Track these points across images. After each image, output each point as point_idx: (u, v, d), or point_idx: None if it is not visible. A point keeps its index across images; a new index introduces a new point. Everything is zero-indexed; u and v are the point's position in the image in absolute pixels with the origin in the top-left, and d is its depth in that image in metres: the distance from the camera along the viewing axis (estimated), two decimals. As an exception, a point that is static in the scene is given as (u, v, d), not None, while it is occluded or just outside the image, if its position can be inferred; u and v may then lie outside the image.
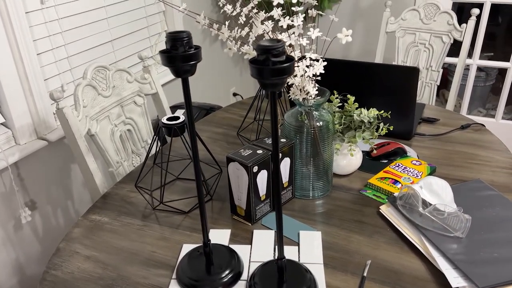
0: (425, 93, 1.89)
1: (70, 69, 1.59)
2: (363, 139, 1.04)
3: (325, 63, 0.86)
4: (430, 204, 0.90)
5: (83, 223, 0.99)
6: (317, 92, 0.94)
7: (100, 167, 1.32)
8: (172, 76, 2.04)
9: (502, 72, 2.51)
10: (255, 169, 0.91)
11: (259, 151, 0.94)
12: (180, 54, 0.62)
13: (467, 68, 2.51)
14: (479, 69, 2.72)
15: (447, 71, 2.92)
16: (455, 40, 1.84)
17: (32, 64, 1.41)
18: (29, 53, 1.40)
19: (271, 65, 0.56)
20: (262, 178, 0.94)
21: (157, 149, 1.03)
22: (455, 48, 2.01)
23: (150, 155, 1.31)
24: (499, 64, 2.35)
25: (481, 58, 2.38)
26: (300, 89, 0.92)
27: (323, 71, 0.88)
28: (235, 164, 0.92)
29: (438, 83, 1.86)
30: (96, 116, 1.19)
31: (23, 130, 1.43)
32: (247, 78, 2.81)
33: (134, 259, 0.87)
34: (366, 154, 1.21)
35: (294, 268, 0.81)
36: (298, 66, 0.87)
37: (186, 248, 0.89)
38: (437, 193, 0.92)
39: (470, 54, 2.30)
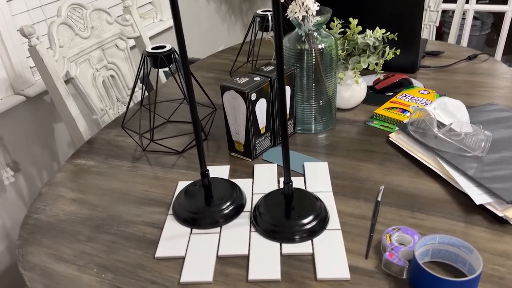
0: (424, 35, 1.81)
1: (45, 19, 1.47)
2: (369, 64, 0.96)
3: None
4: (445, 125, 0.83)
5: (67, 167, 0.90)
6: (317, 8, 0.84)
7: (86, 118, 1.22)
8: (159, 29, 1.91)
9: (497, 21, 2.43)
10: (253, 96, 0.83)
11: (257, 78, 0.86)
12: None
13: (463, 18, 2.42)
14: (475, 17, 2.63)
15: (442, 23, 2.83)
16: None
17: (2, 12, 1.29)
18: (-3, 0, 1.28)
19: None
20: (261, 108, 0.86)
21: (144, 90, 0.93)
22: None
23: (137, 98, 1.22)
24: (497, 8, 2.26)
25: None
26: (300, 5, 0.83)
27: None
28: (231, 93, 0.84)
29: (437, 24, 1.77)
30: (74, 58, 1.09)
31: (-2, 85, 1.32)
32: (235, 36, 2.70)
33: (125, 199, 0.79)
34: (370, 88, 1.13)
35: (302, 196, 0.74)
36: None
37: (182, 185, 0.82)
38: (452, 113, 0.85)
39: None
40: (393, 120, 0.96)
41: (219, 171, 0.85)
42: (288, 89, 0.91)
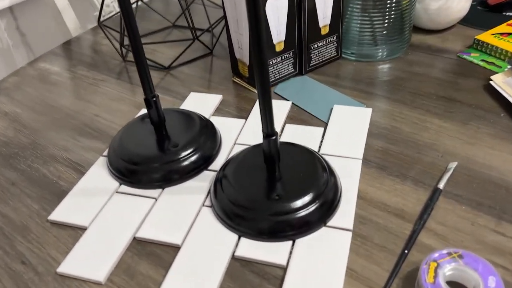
0: None
1: None
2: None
3: None
4: None
5: (26, 71, 0.70)
6: None
7: (85, 14, 0.99)
8: None
9: None
10: (264, -13, 0.51)
11: (277, -41, 0.53)
12: None
13: None
14: None
15: None
16: None
17: None
18: None
19: None
20: (278, 9, 0.54)
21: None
22: None
23: None
24: None
25: None
26: None
27: None
28: (232, -20, 0.53)
29: None
30: None
31: (18, -29, 1.13)
32: None
33: (66, 123, 0.56)
34: (479, 4, 0.73)
35: (301, 160, 0.44)
36: None
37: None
38: None
39: None
40: (505, 53, 0.58)
41: (202, 101, 0.57)
42: (331, -15, 0.57)
